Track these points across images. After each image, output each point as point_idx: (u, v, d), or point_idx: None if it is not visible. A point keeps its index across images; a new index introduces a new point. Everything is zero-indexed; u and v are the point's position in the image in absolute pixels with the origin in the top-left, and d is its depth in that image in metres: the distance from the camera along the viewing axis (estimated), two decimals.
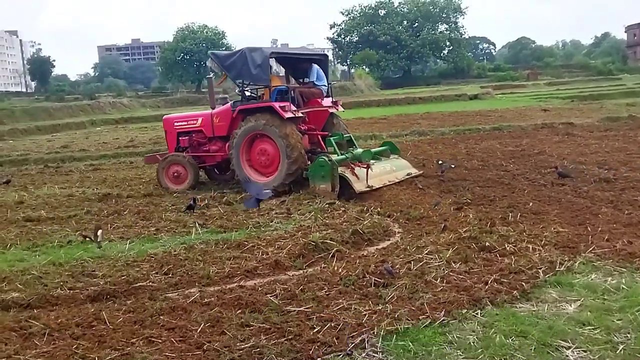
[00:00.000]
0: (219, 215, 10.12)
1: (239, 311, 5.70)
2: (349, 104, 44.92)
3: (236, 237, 8.52)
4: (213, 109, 13.28)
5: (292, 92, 12.25)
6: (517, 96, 48.13)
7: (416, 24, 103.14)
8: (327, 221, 9.07)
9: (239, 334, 5.17)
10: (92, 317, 5.76)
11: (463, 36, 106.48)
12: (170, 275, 6.92)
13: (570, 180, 11.07)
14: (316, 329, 5.18)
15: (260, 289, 6.35)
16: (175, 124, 13.64)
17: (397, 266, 6.76)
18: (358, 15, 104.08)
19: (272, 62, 12.60)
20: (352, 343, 4.91)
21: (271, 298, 5.97)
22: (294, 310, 5.64)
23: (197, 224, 9.39)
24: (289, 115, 11.45)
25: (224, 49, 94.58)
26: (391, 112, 34.74)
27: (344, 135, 12.82)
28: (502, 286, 6.02)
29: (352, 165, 11.30)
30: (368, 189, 10.91)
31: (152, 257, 7.73)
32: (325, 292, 6.11)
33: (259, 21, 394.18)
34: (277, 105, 11.49)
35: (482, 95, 48.17)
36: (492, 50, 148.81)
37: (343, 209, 9.92)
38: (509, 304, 5.65)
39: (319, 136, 12.64)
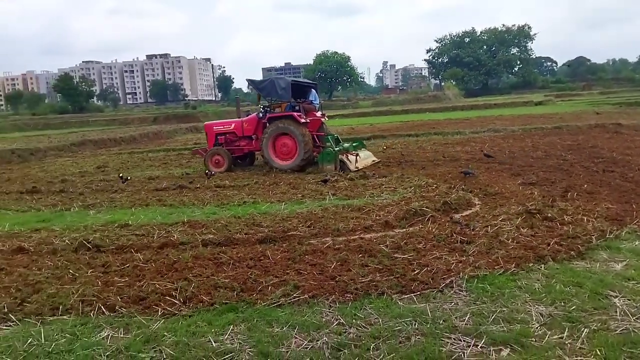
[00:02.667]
0: (344, 187, 10.16)
1: (360, 255, 5.71)
2: (440, 108, 43.60)
3: (357, 203, 8.51)
4: (239, 117, 14.72)
5: (298, 107, 13.26)
6: (574, 102, 44.38)
7: (493, 47, 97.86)
8: (424, 194, 8.84)
9: (360, 271, 5.18)
10: (260, 253, 5.97)
11: (531, 56, 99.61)
12: (311, 228, 7.02)
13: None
14: (416, 271, 5.10)
15: (375, 240, 6.31)
16: (214, 127, 14.70)
17: (476, 228, 6.50)
18: (448, 42, 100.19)
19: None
20: (443, 283, 4.80)
21: (383, 247, 5.92)
22: (400, 257, 5.57)
23: (329, 193, 9.50)
24: (303, 120, 12.85)
25: (349, 69, 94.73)
26: (472, 115, 33.17)
27: (334, 135, 14.00)
28: (562, 247, 5.62)
29: (346, 154, 12.68)
30: (356, 169, 12.24)
31: (299, 214, 7.90)
32: (423, 245, 5.98)
33: (373, 46, 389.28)
34: (295, 114, 12.78)
35: (545, 102, 44.86)
36: (554, 67, 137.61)
37: (435, 186, 9.64)
38: (567, 261, 5.28)
39: (315, 135, 13.39)
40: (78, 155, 21.82)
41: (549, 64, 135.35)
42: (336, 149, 12.77)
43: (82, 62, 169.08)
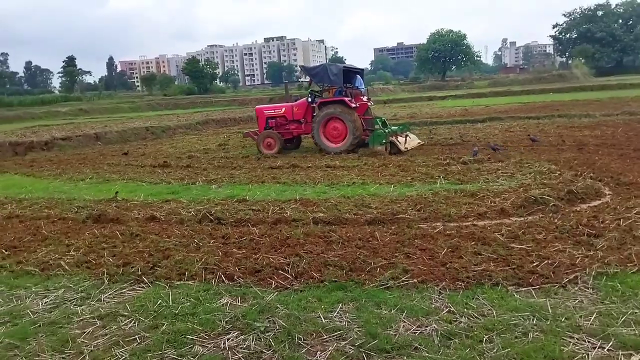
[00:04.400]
0: (457, 171, 9.76)
1: (473, 243, 5.45)
2: (566, 88, 40.11)
3: (470, 188, 8.15)
4: (288, 102, 15.07)
5: (345, 92, 13.53)
6: None
7: (630, 21, 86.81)
8: (545, 181, 8.20)
9: (473, 259, 4.96)
10: (369, 234, 5.95)
11: None
12: (421, 212, 6.85)
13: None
14: (535, 263, 4.75)
15: (489, 228, 6.00)
16: (265, 111, 15.04)
17: (606, 221, 5.90)
18: (578, 16, 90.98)
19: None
20: (567, 278, 4.41)
21: (498, 236, 5.61)
22: (517, 247, 5.23)
23: (441, 177, 9.20)
24: (353, 105, 13.28)
25: (464, 47, 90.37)
26: (603, 95, 30.02)
27: (381, 119, 14.28)
28: None
29: (396, 135, 13.02)
30: (406, 150, 12.73)
31: (409, 197, 7.75)
32: (543, 236, 5.55)
33: (492, 23, 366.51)
34: (346, 99, 13.18)
35: None
36: None
37: (558, 172, 8.90)
38: None
39: (362, 119, 13.74)
40: (202, 133, 23.47)
41: None
42: (387, 130, 13.19)
43: (207, 46, 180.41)
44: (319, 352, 3.48)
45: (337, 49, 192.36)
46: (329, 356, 3.42)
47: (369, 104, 14.40)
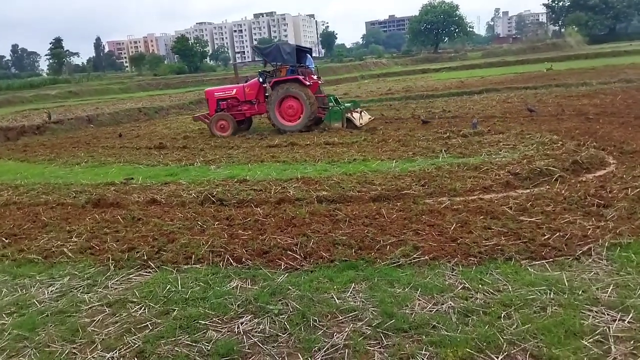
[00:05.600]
0: (458, 145, 9.67)
1: (482, 217, 5.40)
2: (560, 57, 39.80)
3: (473, 161, 8.07)
4: (237, 83, 15.10)
5: (297, 71, 13.58)
6: None
7: None
8: (548, 152, 8.14)
9: (483, 234, 4.90)
10: (375, 212, 5.88)
11: None
12: (426, 187, 6.78)
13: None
14: (546, 236, 4.70)
15: (496, 201, 5.94)
16: (215, 93, 14.79)
17: (614, 191, 5.86)
18: None
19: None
20: (580, 250, 4.37)
21: (506, 209, 5.55)
22: (526, 220, 5.18)
23: (442, 151, 9.10)
24: (307, 83, 13.37)
25: (457, 18, 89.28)
26: (599, 63, 29.81)
27: (333, 96, 14.82)
28: None
29: (351, 112, 13.46)
30: (361, 125, 13.12)
31: (412, 173, 7.67)
32: (552, 208, 5.50)
33: None
34: (300, 77, 13.30)
35: None
36: None
37: (560, 143, 8.82)
38: None
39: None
40: (196, 112, 23.12)
41: None
42: (342, 107, 13.65)
43: (196, 23, 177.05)
44: (335, 334, 3.43)
45: (327, 23, 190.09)
46: (346, 337, 3.37)
47: (319, 82, 14.49)
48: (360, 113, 13.76)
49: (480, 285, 3.91)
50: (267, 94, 14.03)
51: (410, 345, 3.22)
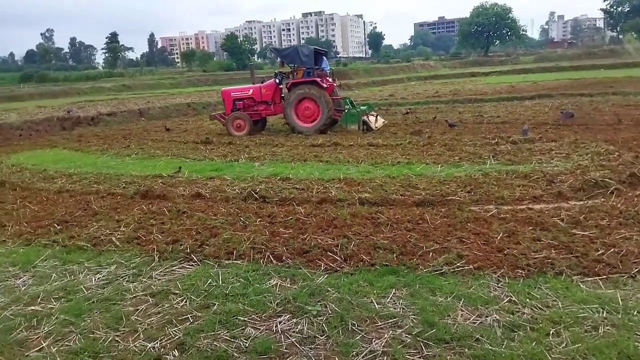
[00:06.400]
0: (507, 151, 9.38)
1: (530, 228, 5.19)
2: (618, 64, 38.05)
3: (522, 169, 7.79)
4: (254, 84, 15.11)
5: (313, 73, 13.57)
6: None
7: None
8: (604, 163, 7.77)
9: (532, 246, 4.70)
10: (418, 217, 5.76)
11: None
12: (472, 193, 6.61)
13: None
14: (600, 252, 4.46)
15: (546, 212, 5.70)
16: (232, 93, 14.76)
17: None
18: None
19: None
20: (636, 268, 4.12)
21: (557, 221, 5.31)
22: (579, 234, 4.94)
23: (490, 157, 8.85)
24: (324, 85, 13.44)
25: (509, 21, 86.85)
26: None
27: (349, 99, 15.07)
28: None
29: (367, 114, 13.66)
30: (376, 128, 13.41)
31: (457, 178, 7.48)
32: (607, 222, 5.22)
33: None
34: (318, 79, 13.36)
35: None
36: None
37: (617, 154, 8.40)
38: None
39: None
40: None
41: None
42: (359, 110, 13.81)
43: (245, 21, 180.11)
44: (374, 340, 3.37)
45: (375, 23, 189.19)
46: (385, 344, 3.30)
47: (335, 84, 14.56)
48: (376, 116, 13.99)
49: (527, 300, 3.75)
50: (282, 95, 14.18)
51: (452, 357, 3.12)
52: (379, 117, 14.23)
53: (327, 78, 14.23)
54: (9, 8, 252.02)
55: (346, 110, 13.89)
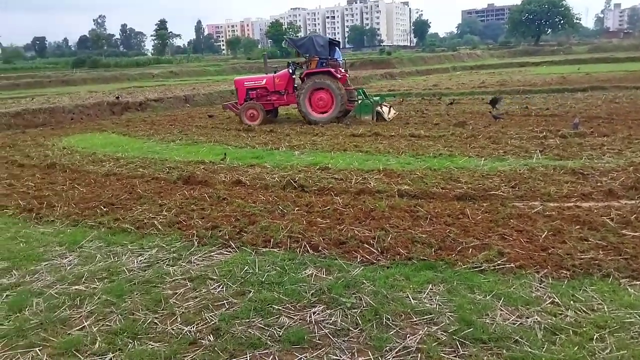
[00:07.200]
0: (555, 145, 9.01)
1: (578, 227, 4.97)
2: None
3: (571, 165, 7.47)
4: (267, 73, 15.07)
5: (326, 63, 13.61)
6: None
7: None
8: None
9: (579, 246, 4.50)
10: (459, 211, 5.63)
11: None
12: (516, 189, 6.38)
13: None
14: None
15: (595, 211, 5.44)
16: (245, 83, 14.77)
17: None
18: None
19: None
20: None
21: (607, 220, 5.06)
22: (629, 235, 4.70)
23: (537, 151, 8.53)
24: (339, 76, 13.49)
25: (562, 9, 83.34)
26: None
27: (362, 89, 14.99)
28: None
29: (380, 105, 13.71)
30: (389, 119, 13.43)
31: (501, 173, 7.25)
32: None
33: None
34: (332, 70, 13.41)
35: None
36: None
37: None
38: None
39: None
40: None
41: None
42: (372, 100, 13.75)
43: (290, 9, 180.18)
44: (408, 336, 3.31)
45: (422, 11, 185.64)
46: (420, 341, 3.24)
47: (347, 75, 14.48)
48: (390, 107, 14.07)
49: (571, 302, 3.59)
50: (295, 85, 14.19)
51: (489, 358, 3.03)
52: (392, 108, 14.27)
53: (340, 69, 14.16)
54: None
55: (360, 101, 13.91)
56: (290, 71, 14.37)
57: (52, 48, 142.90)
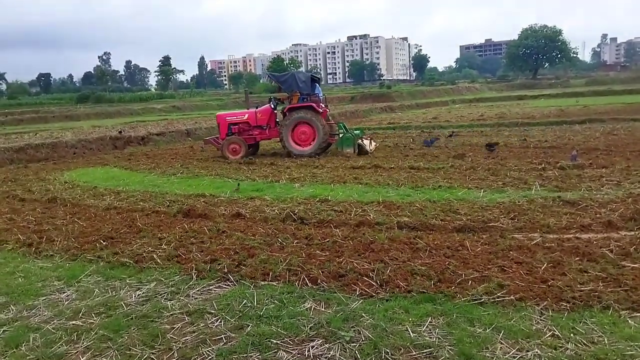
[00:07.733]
0: (554, 177, 9.06)
1: (577, 258, 4.95)
2: None
3: (570, 196, 7.48)
4: (248, 109, 15.41)
5: (307, 99, 14.06)
6: None
7: None
8: None
9: (578, 277, 4.48)
10: (458, 243, 5.62)
11: None
12: (515, 220, 6.39)
13: None
14: None
15: (595, 242, 5.43)
16: (227, 118, 15.07)
17: None
18: None
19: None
20: None
21: (606, 252, 5.06)
22: (629, 266, 4.68)
23: (536, 183, 8.56)
24: (320, 110, 13.96)
25: (559, 44, 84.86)
26: None
27: (342, 123, 15.57)
28: None
29: (361, 138, 14.07)
30: (370, 151, 13.68)
31: (501, 204, 7.27)
32: None
33: (590, 17, 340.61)
34: (314, 105, 13.87)
35: None
36: None
37: None
38: None
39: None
40: None
41: None
42: (354, 134, 14.17)
43: (292, 45, 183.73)
44: None
45: (421, 46, 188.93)
46: None
47: (327, 110, 15.01)
48: (371, 140, 14.43)
49: (572, 335, 3.56)
50: (277, 120, 14.64)
51: None
52: (372, 140, 14.67)
53: (321, 104, 14.48)
54: (70, 31, 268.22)
55: (341, 135, 14.27)
56: (272, 106, 14.77)
57: (57, 84, 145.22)
